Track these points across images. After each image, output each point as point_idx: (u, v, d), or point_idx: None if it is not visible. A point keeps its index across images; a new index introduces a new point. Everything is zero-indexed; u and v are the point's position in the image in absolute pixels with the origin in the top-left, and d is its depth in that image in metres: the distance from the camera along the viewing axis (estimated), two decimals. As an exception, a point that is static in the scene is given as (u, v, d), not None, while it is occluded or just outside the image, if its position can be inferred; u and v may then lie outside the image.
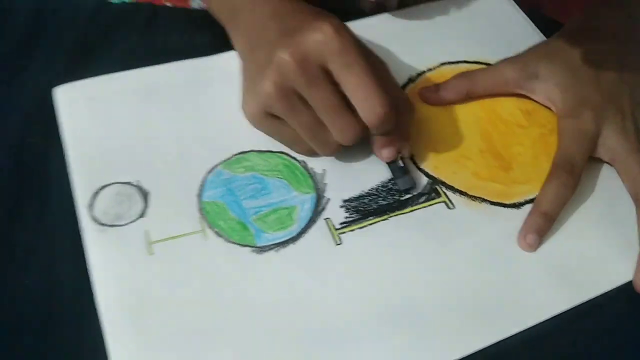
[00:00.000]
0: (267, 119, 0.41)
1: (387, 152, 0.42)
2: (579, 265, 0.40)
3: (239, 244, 0.40)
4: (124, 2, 0.56)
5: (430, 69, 0.51)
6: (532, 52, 0.49)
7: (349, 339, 0.37)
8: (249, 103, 0.42)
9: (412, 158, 0.45)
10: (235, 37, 0.46)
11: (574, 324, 0.38)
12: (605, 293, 0.39)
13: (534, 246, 0.41)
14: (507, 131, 0.47)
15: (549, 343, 0.38)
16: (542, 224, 0.41)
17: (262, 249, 0.40)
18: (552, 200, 0.42)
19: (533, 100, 0.48)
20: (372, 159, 0.44)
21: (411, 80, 0.50)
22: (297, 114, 0.40)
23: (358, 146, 0.43)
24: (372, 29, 0.53)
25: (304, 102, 0.39)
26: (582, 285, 0.39)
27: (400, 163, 0.43)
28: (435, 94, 0.48)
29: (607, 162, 0.45)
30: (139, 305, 0.37)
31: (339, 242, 0.41)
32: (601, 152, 0.45)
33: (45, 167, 0.44)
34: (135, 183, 0.42)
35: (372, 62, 0.40)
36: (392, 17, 0.55)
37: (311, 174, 0.44)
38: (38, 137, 0.45)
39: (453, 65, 0.51)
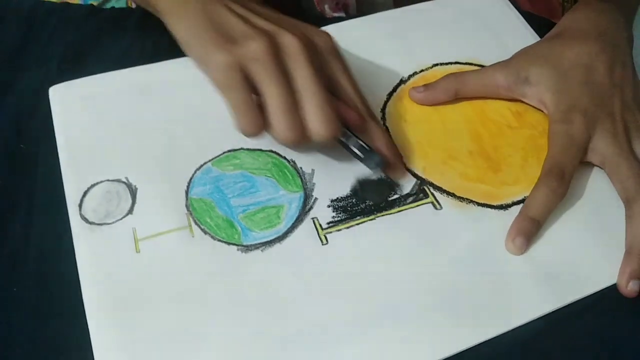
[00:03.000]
0: (236, 72, 0.39)
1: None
2: (565, 267, 0.40)
3: (225, 242, 0.40)
4: (114, 8, 0.57)
5: (422, 70, 0.51)
6: (522, 56, 0.49)
7: (333, 338, 0.37)
8: (225, 49, 0.39)
9: (400, 158, 0.45)
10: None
11: (564, 325, 0.38)
12: (595, 294, 0.39)
13: (522, 249, 0.41)
14: (497, 132, 0.47)
15: (539, 344, 0.38)
16: (530, 228, 0.41)
17: (248, 248, 0.40)
18: (541, 205, 0.42)
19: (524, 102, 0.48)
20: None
21: (403, 81, 0.50)
22: (282, 80, 0.39)
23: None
24: (365, 28, 0.54)
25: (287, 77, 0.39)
26: (568, 287, 0.39)
27: (360, 141, 0.42)
28: (424, 93, 0.48)
29: (597, 165, 0.45)
30: (124, 303, 0.37)
31: (325, 242, 0.41)
32: (591, 156, 0.45)
33: (34, 173, 0.44)
34: (124, 180, 0.43)
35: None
36: (385, 17, 0.55)
37: (300, 173, 0.44)
38: (29, 142, 0.46)
39: (445, 66, 0.51)
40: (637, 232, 0.41)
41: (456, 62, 0.52)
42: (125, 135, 0.45)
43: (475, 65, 0.52)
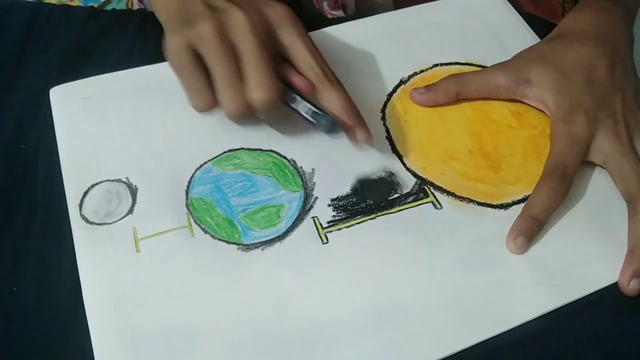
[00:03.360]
0: (187, 53, 0.41)
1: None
2: (565, 266, 0.40)
3: (225, 241, 0.40)
4: (115, 9, 0.57)
5: (422, 70, 0.51)
6: (522, 57, 0.49)
7: (333, 337, 0.37)
8: (178, 32, 0.41)
9: (400, 158, 0.45)
10: None
11: (564, 324, 0.38)
12: (595, 293, 0.39)
13: (523, 249, 0.41)
14: (498, 132, 0.47)
15: (540, 343, 0.38)
16: (532, 228, 0.41)
17: (248, 247, 0.40)
18: (543, 205, 0.42)
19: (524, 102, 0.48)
20: (361, 158, 0.44)
21: (403, 81, 0.50)
22: (225, 57, 0.40)
23: (346, 144, 0.44)
24: (365, 29, 0.54)
25: (233, 52, 0.41)
26: (568, 286, 0.39)
27: (310, 106, 0.42)
28: (425, 95, 0.48)
29: (599, 165, 0.45)
30: (124, 302, 0.37)
31: (325, 241, 0.41)
32: (594, 156, 0.45)
33: (35, 173, 0.44)
34: (124, 179, 0.43)
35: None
36: (386, 18, 0.55)
37: (300, 173, 0.44)
38: (30, 143, 0.46)
39: (445, 67, 0.51)
40: (641, 231, 0.41)
41: (456, 63, 0.52)
42: (125, 135, 0.45)
43: (475, 65, 0.52)
